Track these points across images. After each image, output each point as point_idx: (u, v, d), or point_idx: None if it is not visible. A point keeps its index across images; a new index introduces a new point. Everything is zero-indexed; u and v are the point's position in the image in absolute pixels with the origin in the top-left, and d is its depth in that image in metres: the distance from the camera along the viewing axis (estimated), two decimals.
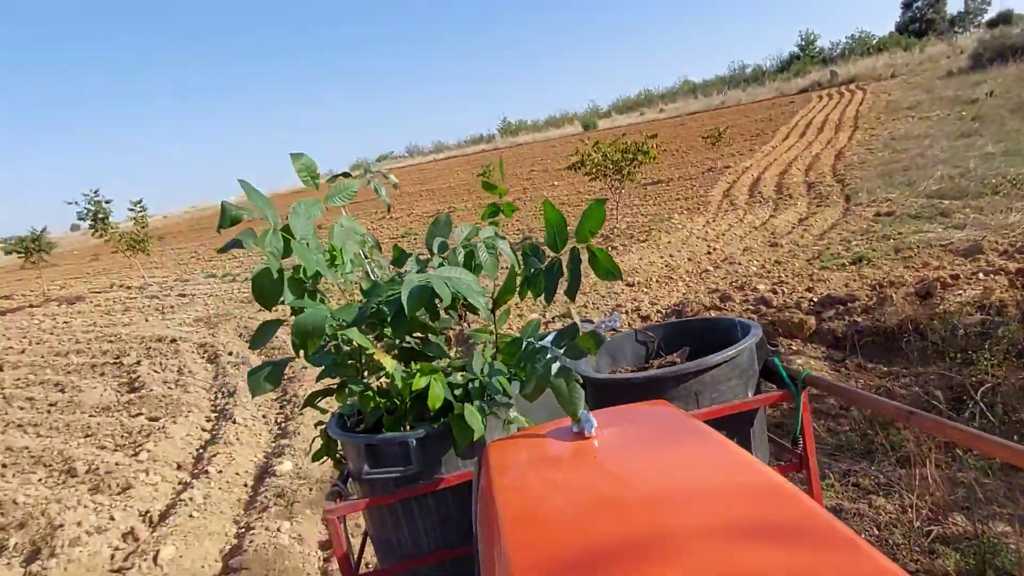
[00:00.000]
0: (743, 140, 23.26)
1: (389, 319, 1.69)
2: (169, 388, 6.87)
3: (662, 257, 8.87)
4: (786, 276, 6.70)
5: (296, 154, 1.77)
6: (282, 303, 1.61)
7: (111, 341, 10.61)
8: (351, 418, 1.88)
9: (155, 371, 7.69)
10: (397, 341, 1.84)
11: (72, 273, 27.24)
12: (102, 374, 8.31)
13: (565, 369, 1.50)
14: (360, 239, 1.88)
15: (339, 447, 1.95)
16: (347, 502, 1.75)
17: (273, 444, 5.15)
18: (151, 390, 6.74)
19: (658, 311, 6.55)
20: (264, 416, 5.74)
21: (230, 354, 8.00)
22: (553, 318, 7.06)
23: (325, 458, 2.00)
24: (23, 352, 11.23)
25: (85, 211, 18.04)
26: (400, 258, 1.95)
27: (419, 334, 1.88)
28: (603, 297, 7.53)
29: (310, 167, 1.78)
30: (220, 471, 4.65)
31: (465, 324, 1.92)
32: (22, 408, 7.40)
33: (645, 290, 7.55)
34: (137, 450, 5.29)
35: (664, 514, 0.99)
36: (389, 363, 1.66)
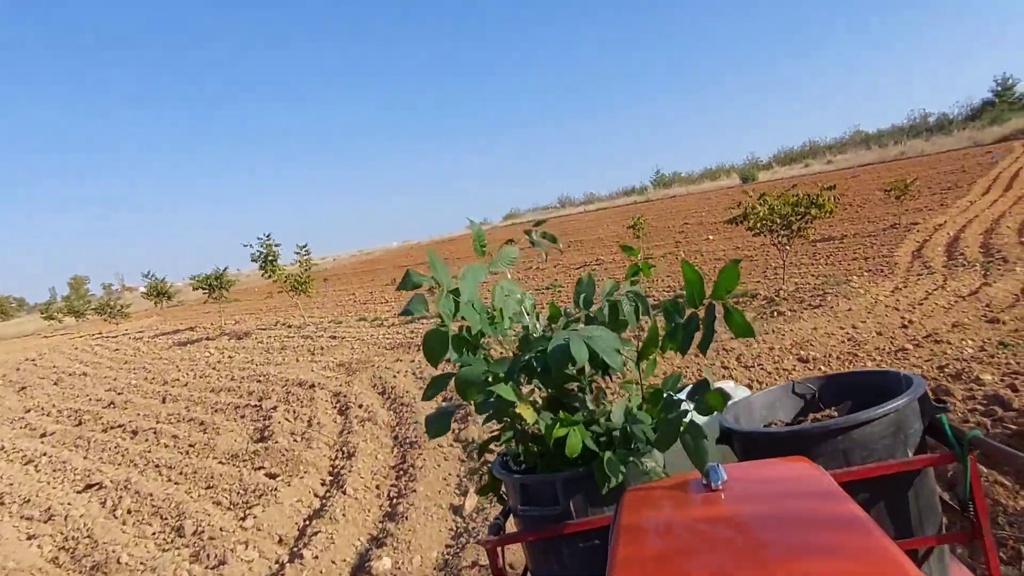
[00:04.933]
0: (930, 194, 20.63)
1: (538, 372, 1.81)
2: (295, 441, 6.65)
3: (842, 328, 7.53)
4: (1022, 366, 5.24)
5: (472, 222, 2.06)
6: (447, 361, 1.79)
7: (259, 381, 10.92)
8: (515, 460, 2.00)
9: (287, 419, 7.57)
10: (548, 390, 1.96)
11: (249, 309, 29.67)
12: (243, 416, 8.39)
13: (693, 424, 1.59)
14: (518, 300, 2.00)
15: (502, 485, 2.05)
16: (502, 536, 1.88)
17: (379, 526, 4.60)
18: (277, 442, 6.55)
19: None
20: (377, 487, 5.25)
21: (360, 406, 7.73)
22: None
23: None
24: (186, 385, 11.89)
25: (258, 253, 19.42)
26: (555, 315, 2.08)
27: (567, 384, 1.98)
28: (769, 374, 6.40)
29: (480, 236, 2.01)
30: (316, 556, 4.15)
31: (610, 377, 2.02)
32: (166, 446, 7.55)
33: (823, 368, 6.32)
34: (246, 513, 4.98)
35: (764, 568, 1.04)
36: (529, 415, 1.77)
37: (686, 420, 1.61)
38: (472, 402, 1.79)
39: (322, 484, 5.52)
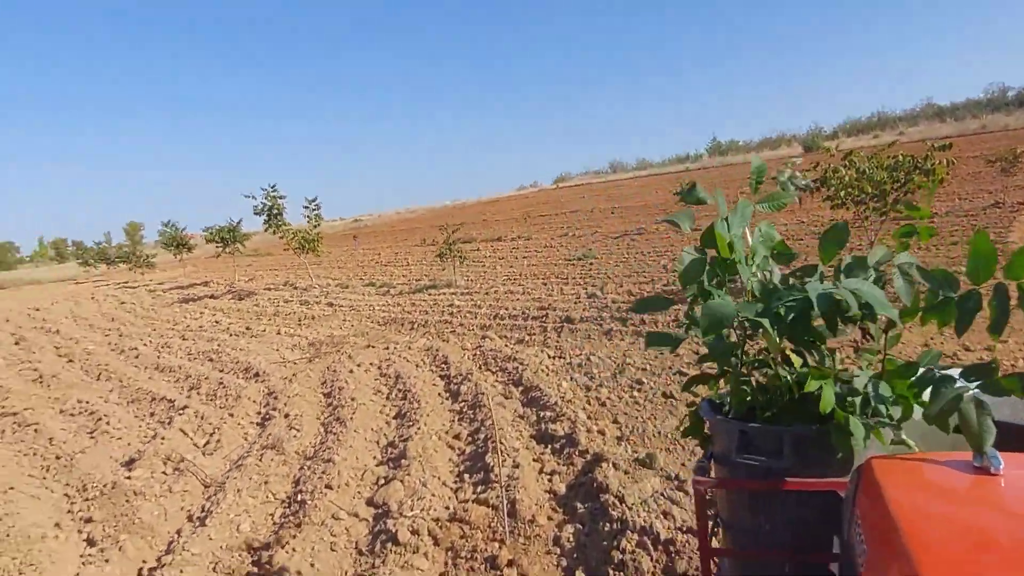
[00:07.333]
0: None
1: (789, 321, 1.66)
2: (164, 474, 4.75)
3: (970, 351, 5.23)
4: None
5: (755, 158, 2.00)
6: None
7: (211, 360, 9.20)
8: (722, 406, 1.88)
9: (184, 430, 5.71)
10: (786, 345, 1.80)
11: (277, 265, 28.20)
12: (151, 414, 6.61)
13: (981, 400, 1.40)
14: (772, 245, 1.86)
15: (706, 427, 1.93)
16: (715, 478, 1.76)
17: None
18: (130, 475, 4.65)
19: None
20: None
21: (286, 416, 5.82)
22: None
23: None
24: (138, 357, 10.26)
25: (262, 205, 17.63)
26: (783, 254, 1.88)
27: (811, 340, 1.80)
28: None
29: (760, 171, 1.89)
30: None
31: (866, 340, 1.82)
32: (24, 455, 5.81)
33: None
34: None
35: None
36: (796, 360, 1.67)
37: (968, 395, 1.39)
38: (703, 339, 1.68)
39: None
